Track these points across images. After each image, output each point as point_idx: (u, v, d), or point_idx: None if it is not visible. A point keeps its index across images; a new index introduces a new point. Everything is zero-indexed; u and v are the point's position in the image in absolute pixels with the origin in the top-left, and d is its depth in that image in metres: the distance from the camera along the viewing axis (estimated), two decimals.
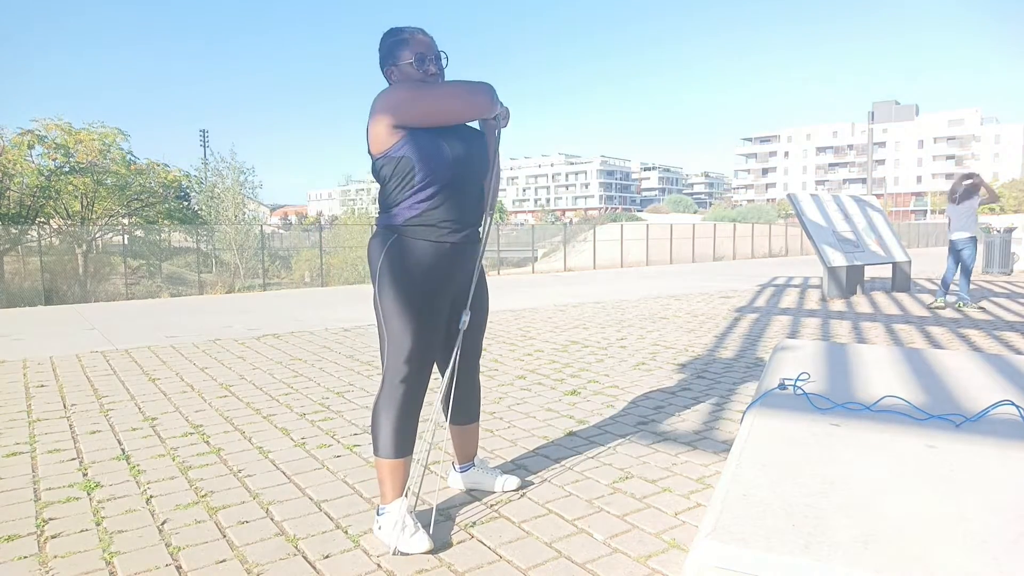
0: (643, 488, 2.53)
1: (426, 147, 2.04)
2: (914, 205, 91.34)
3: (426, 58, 2.10)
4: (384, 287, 2.09)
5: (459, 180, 2.10)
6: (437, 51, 2.14)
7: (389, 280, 2.08)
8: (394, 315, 2.08)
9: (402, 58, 2.11)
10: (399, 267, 2.08)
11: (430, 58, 2.11)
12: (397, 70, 2.13)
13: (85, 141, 20.09)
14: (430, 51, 2.12)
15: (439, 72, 2.14)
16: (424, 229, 2.08)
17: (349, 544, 2.11)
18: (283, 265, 23.06)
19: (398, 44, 2.12)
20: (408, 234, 2.08)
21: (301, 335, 6.34)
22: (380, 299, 2.11)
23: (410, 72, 2.10)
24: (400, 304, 2.07)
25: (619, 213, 66.81)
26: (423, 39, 2.12)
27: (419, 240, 2.08)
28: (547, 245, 27.83)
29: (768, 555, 1.05)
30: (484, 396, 3.91)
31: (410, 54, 2.10)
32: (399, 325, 2.08)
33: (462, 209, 2.12)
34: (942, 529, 1.13)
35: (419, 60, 2.09)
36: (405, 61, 2.10)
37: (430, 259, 2.08)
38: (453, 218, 2.10)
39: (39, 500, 2.48)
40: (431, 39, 2.15)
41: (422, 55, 2.10)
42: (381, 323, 2.12)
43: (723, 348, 5.45)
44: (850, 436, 1.59)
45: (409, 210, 2.08)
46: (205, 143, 53.93)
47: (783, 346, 2.68)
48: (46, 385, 4.36)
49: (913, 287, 10.43)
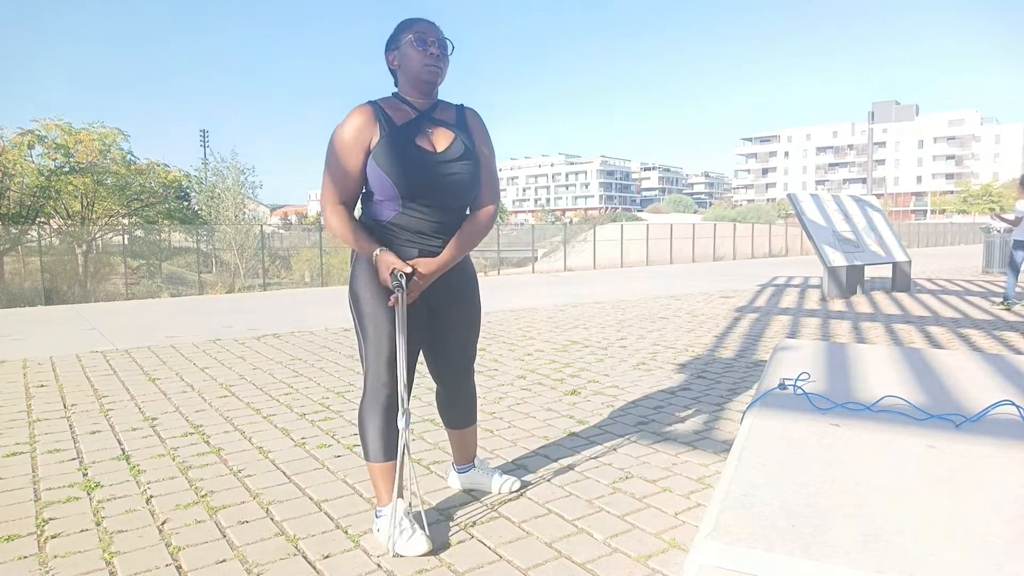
0: (643, 488, 2.53)
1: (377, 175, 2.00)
2: (914, 205, 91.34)
3: (427, 39, 2.05)
4: (356, 290, 2.08)
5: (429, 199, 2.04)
6: (441, 37, 2.09)
7: (361, 282, 2.07)
8: (368, 317, 2.06)
9: (403, 40, 2.07)
10: (370, 271, 2.05)
11: (432, 40, 2.06)
12: (398, 52, 2.09)
13: (85, 141, 20.11)
14: (432, 34, 2.07)
15: (441, 56, 2.07)
16: (394, 236, 2.05)
17: (349, 544, 2.11)
18: (283, 265, 23.04)
19: (402, 30, 2.09)
20: (378, 237, 2.06)
21: (301, 335, 6.34)
22: (353, 301, 2.09)
23: (410, 52, 2.05)
24: (373, 306, 2.05)
25: (619, 213, 66.84)
26: (427, 25, 2.09)
27: (388, 245, 2.05)
28: (547, 245, 27.83)
29: (768, 555, 1.05)
30: (484, 396, 3.91)
31: (411, 35, 2.06)
32: (373, 327, 2.06)
33: (433, 222, 2.06)
34: (942, 529, 1.13)
35: (420, 40, 2.05)
36: (406, 41, 2.06)
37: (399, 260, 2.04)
38: (422, 231, 2.06)
39: (39, 500, 2.48)
40: (437, 28, 2.11)
41: (423, 36, 2.05)
42: (357, 327, 2.11)
43: (723, 348, 5.45)
44: (850, 436, 1.58)
45: (378, 216, 2.07)
46: (205, 143, 54.04)
47: (783, 346, 2.68)
48: (46, 385, 4.36)
49: (913, 287, 10.43)
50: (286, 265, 23.13)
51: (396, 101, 2.10)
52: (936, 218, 68.88)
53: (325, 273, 17.37)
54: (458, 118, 2.16)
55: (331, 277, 18.02)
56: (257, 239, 19.71)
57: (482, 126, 2.21)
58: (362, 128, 2.01)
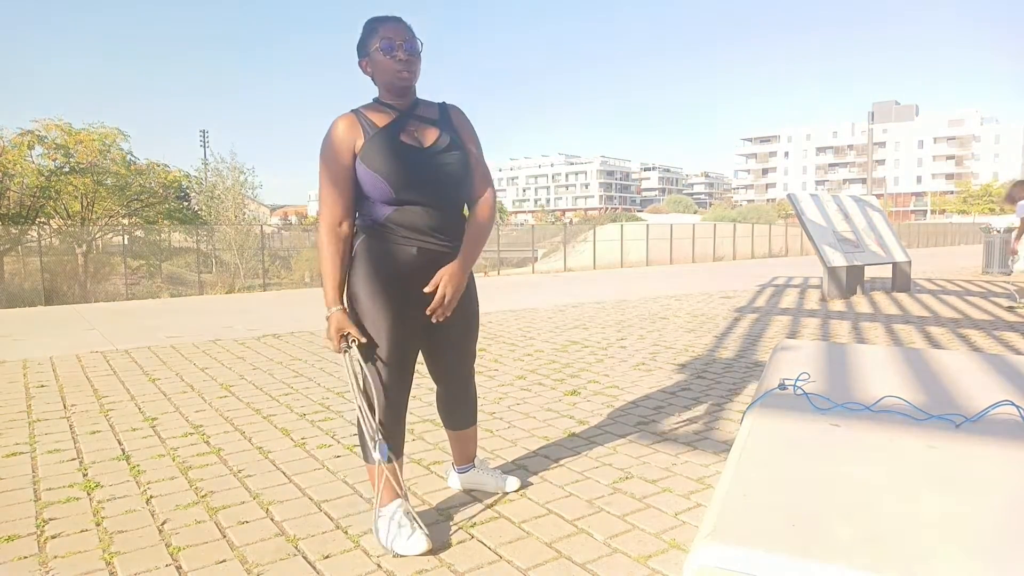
0: (643, 488, 2.53)
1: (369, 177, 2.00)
2: (914, 205, 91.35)
3: (394, 44, 2.02)
4: (353, 291, 2.07)
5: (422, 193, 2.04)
6: (408, 36, 2.05)
7: (358, 283, 2.06)
8: (366, 318, 2.06)
9: (371, 46, 2.05)
10: (364, 271, 2.05)
11: (398, 43, 2.03)
12: (369, 60, 2.07)
13: (85, 141, 20.09)
14: (398, 36, 2.03)
15: (411, 58, 2.04)
16: (391, 233, 2.04)
17: (349, 544, 2.11)
18: (283, 265, 23.02)
19: (368, 35, 2.06)
20: (376, 236, 2.05)
21: (301, 335, 6.34)
22: (351, 301, 2.08)
23: (378, 58, 2.03)
24: (369, 308, 2.05)
25: (619, 213, 66.81)
26: (393, 26, 2.05)
27: (386, 243, 2.04)
28: (547, 245, 27.83)
29: (768, 555, 1.05)
30: (484, 396, 3.90)
31: (377, 41, 2.03)
32: (372, 328, 2.05)
33: (428, 218, 2.05)
34: (942, 529, 1.13)
35: (386, 47, 2.02)
36: (374, 48, 2.04)
37: (398, 262, 2.04)
38: (419, 227, 2.05)
39: (39, 500, 2.48)
40: (404, 26, 2.07)
41: (389, 41, 2.02)
42: None
43: (723, 348, 5.45)
44: (850, 436, 1.58)
45: (371, 215, 2.06)
46: (205, 143, 53.78)
47: (783, 346, 2.68)
48: (46, 385, 4.36)
49: (913, 287, 10.43)
50: (286, 265, 23.10)
51: (377, 105, 2.10)
52: (936, 218, 68.88)
53: None
54: (441, 115, 2.15)
55: None
56: (257, 239, 19.70)
57: (466, 121, 2.21)
58: (344, 135, 2.02)
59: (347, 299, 2.10)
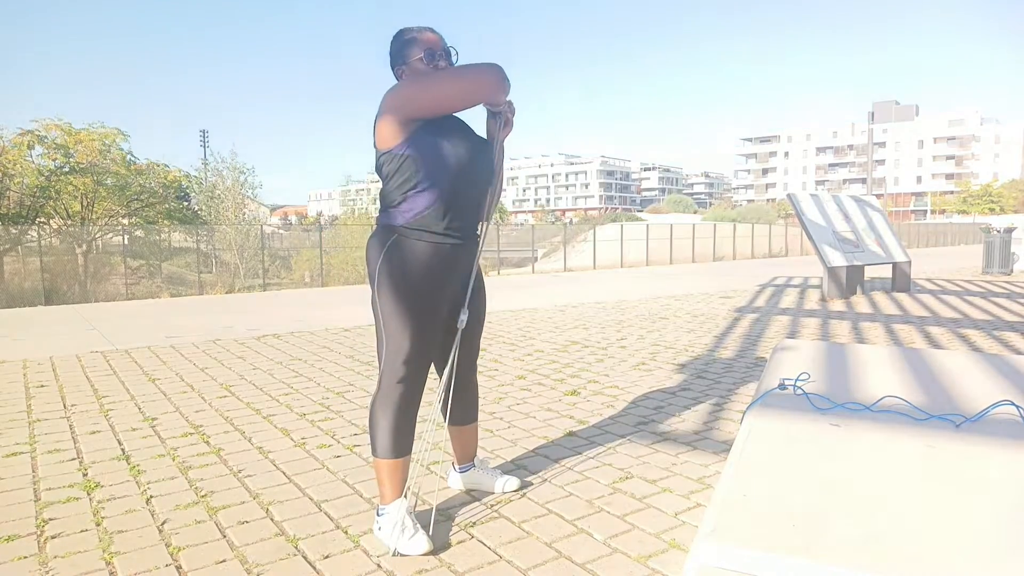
0: (643, 488, 2.53)
1: (430, 148, 2.05)
2: (914, 205, 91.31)
3: (435, 53, 2.14)
4: (383, 287, 2.10)
5: (460, 184, 2.10)
6: (446, 47, 2.17)
7: (388, 280, 2.09)
8: (392, 315, 2.08)
9: (412, 56, 2.14)
10: (397, 267, 2.08)
11: (439, 53, 2.14)
12: (408, 68, 2.16)
13: (85, 141, 20.10)
14: (438, 47, 2.15)
15: (449, 66, 2.16)
16: (423, 231, 2.08)
17: (349, 544, 2.11)
18: (283, 265, 23.05)
19: (407, 43, 2.16)
20: (407, 234, 2.08)
21: (301, 335, 6.34)
22: (379, 299, 2.11)
23: (420, 68, 2.13)
24: (398, 304, 2.08)
25: (619, 213, 66.80)
26: (431, 36, 2.16)
27: (418, 241, 2.08)
28: (547, 245, 27.84)
29: (768, 555, 1.05)
30: (484, 396, 3.91)
31: (419, 51, 2.13)
32: (397, 325, 2.08)
33: (461, 213, 2.12)
34: (942, 529, 1.13)
35: (428, 55, 2.13)
36: (415, 58, 2.13)
37: (428, 260, 2.09)
38: (452, 221, 2.10)
39: (39, 500, 2.48)
40: (439, 36, 2.18)
41: (431, 50, 2.13)
42: (379, 323, 2.12)
43: (723, 348, 5.45)
44: (850, 436, 1.58)
45: (408, 210, 2.08)
46: (205, 143, 53.83)
47: (783, 346, 2.68)
48: (46, 385, 4.36)
49: (913, 287, 10.43)
50: (286, 265, 23.13)
51: None
52: (936, 218, 68.87)
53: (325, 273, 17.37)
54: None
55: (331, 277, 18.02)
56: (257, 239, 19.73)
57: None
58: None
59: (375, 291, 2.13)
